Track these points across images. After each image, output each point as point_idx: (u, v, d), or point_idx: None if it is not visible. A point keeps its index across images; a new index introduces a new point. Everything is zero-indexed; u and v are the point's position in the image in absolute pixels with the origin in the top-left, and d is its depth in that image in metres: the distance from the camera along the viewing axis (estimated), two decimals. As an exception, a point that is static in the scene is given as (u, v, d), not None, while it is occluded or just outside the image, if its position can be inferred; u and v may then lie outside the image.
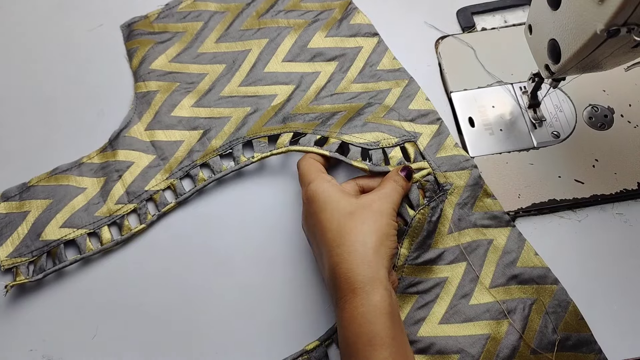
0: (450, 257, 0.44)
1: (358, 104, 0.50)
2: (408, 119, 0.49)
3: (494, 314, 0.41)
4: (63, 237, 0.46)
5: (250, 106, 0.51)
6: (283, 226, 0.47)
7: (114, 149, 0.49)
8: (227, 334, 0.43)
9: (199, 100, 0.51)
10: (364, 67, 0.52)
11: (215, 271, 0.45)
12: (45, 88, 0.54)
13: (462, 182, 0.45)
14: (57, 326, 0.44)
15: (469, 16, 0.56)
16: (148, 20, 0.56)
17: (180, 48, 0.54)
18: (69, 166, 0.49)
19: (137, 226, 0.46)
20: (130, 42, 0.55)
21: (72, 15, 0.58)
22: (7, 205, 0.47)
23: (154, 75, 0.53)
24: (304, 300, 0.44)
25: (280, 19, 0.55)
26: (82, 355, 0.43)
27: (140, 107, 0.51)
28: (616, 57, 0.37)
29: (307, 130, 0.48)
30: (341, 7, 0.56)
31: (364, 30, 0.54)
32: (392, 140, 0.47)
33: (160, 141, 0.49)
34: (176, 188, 0.47)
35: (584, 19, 0.34)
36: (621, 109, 0.50)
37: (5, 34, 0.57)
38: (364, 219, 0.38)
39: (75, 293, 0.45)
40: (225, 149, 0.48)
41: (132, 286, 0.45)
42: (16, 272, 0.45)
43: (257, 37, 0.54)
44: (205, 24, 0.55)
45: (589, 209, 0.47)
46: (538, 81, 0.47)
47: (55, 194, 0.48)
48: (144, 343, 0.43)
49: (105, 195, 0.47)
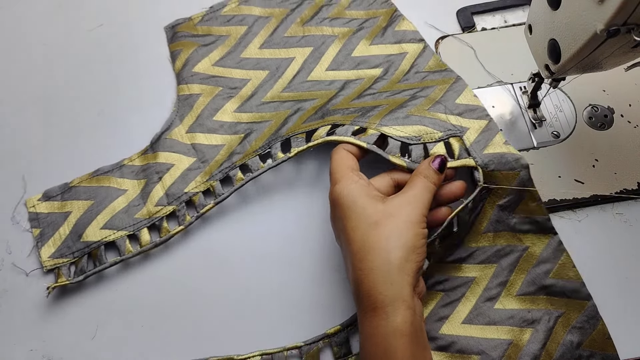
0: (481, 257, 0.42)
1: (402, 97, 0.47)
2: (455, 113, 0.45)
3: (518, 321, 0.41)
4: (104, 239, 0.45)
5: (290, 108, 0.50)
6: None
7: (155, 151, 0.49)
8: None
9: (242, 106, 0.51)
10: (410, 69, 0.51)
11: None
12: (45, 88, 0.54)
13: (508, 184, 0.42)
14: (57, 326, 0.44)
15: (469, 16, 0.56)
16: (192, 22, 0.56)
17: (224, 52, 0.54)
18: (110, 168, 0.49)
19: (175, 228, 0.46)
20: (174, 44, 0.55)
21: (72, 15, 0.58)
22: (49, 205, 0.47)
23: (197, 79, 0.52)
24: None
25: (324, 26, 0.55)
26: (82, 355, 0.43)
27: (182, 109, 0.51)
28: (616, 57, 0.37)
29: (346, 122, 0.46)
30: (386, 14, 0.55)
31: (409, 36, 0.53)
32: (435, 134, 0.43)
33: (201, 144, 0.49)
34: (215, 190, 0.47)
35: (584, 19, 0.34)
36: (621, 109, 0.50)
37: (5, 34, 0.57)
38: (389, 232, 0.35)
39: (75, 293, 0.45)
40: (264, 149, 0.48)
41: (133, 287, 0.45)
42: (58, 273, 0.45)
43: (301, 45, 0.54)
44: (249, 28, 0.55)
45: (589, 209, 0.47)
46: (538, 81, 0.47)
47: (97, 195, 0.48)
48: (144, 343, 0.43)
49: (145, 197, 0.47)
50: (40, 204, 0.48)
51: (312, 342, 0.42)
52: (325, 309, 0.44)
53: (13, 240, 0.47)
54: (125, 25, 0.57)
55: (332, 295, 0.44)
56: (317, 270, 0.45)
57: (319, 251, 0.46)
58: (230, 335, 0.43)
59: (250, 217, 0.48)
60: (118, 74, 0.54)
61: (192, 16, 0.56)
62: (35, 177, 0.49)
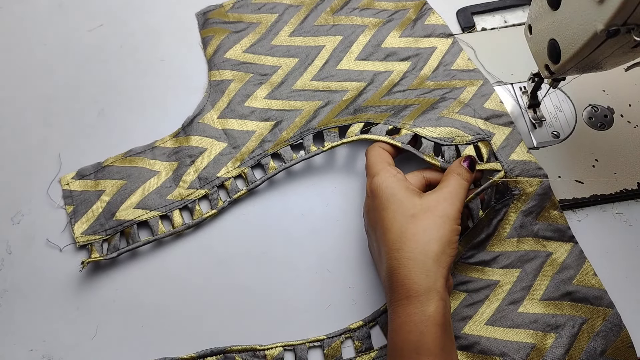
0: (505, 262, 0.43)
1: (432, 98, 0.49)
2: (483, 117, 0.47)
3: (541, 326, 0.41)
4: (137, 218, 0.46)
5: (321, 100, 0.51)
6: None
7: (187, 135, 0.50)
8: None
9: (272, 92, 0.52)
10: (438, 66, 0.52)
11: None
12: (45, 88, 0.54)
13: (532, 190, 0.44)
14: (57, 326, 0.44)
15: (469, 16, 0.56)
16: (223, 9, 0.57)
17: (254, 39, 0.55)
18: (142, 149, 0.50)
19: (208, 211, 0.47)
20: (205, 30, 0.56)
21: (72, 15, 0.58)
22: (83, 184, 0.48)
23: (229, 65, 0.53)
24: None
25: (354, 16, 0.55)
26: (82, 355, 0.43)
27: (213, 95, 0.52)
28: (616, 57, 0.37)
29: (379, 121, 0.47)
30: (416, 7, 0.56)
31: (438, 30, 0.54)
32: (466, 137, 0.45)
33: (233, 130, 0.50)
34: (247, 176, 0.48)
35: (583, 19, 0.34)
36: (621, 109, 0.50)
37: (5, 34, 0.57)
38: (427, 225, 0.37)
39: (75, 293, 0.45)
40: (296, 140, 0.48)
41: (133, 287, 0.45)
42: (91, 249, 0.45)
43: (331, 34, 0.54)
44: (280, 16, 0.56)
45: (589, 209, 0.47)
46: (538, 81, 0.47)
47: (130, 175, 0.48)
48: (144, 343, 0.43)
49: (177, 180, 0.48)
50: (74, 182, 0.49)
51: (334, 335, 0.42)
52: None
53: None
54: (125, 25, 0.57)
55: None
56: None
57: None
58: (230, 336, 0.43)
59: (254, 213, 0.48)
60: (118, 74, 0.54)
61: (223, 3, 0.57)
62: (35, 177, 0.49)
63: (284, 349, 0.42)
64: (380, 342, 0.42)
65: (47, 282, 0.45)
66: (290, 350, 0.42)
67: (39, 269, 0.46)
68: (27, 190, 0.49)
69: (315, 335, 0.42)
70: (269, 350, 0.42)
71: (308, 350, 0.42)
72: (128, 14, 0.58)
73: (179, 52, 0.56)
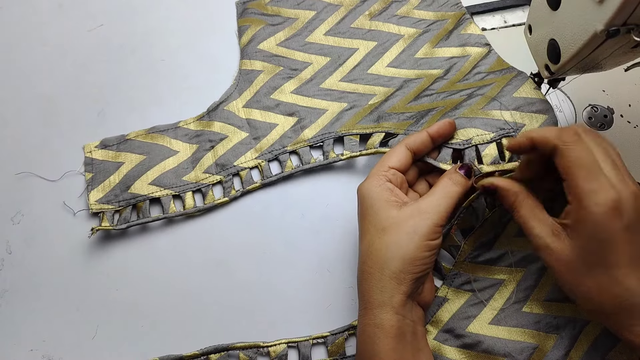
0: (510, 261, 0.43)
1: (458, 98, 0.47)
2: (511, 108, 0.44)
3: (544, 326, 0.41)
4: (150, 194, 0.47)
5: (347, 102, 0.51)
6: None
7: (211, 119, 0.50)
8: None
9: (299, 88, 0.52)
10: (471, 71, 0.50)
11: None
12: (45, 88, 0.54)
13: None
14: (57, 326, 0.44)
15: (469, 16, 0.56)
16: (263, 1, 0.57)
17: (290, 34, 0.55)
18: (166, 127, 0.50)
19: (220, 198, 0.47)
20: (243, 20, 0.56)
21: (72, 15, 0.58)
22: (105, 153, 0.49)
23: (260, 55, 0.53)
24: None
25: (392, 24, 0.55)
26: (82, 355, 0.43)
27: (242, 84, 0.52)
28: (616, 57, 0.37)
29: (399, 131, 0.47)
30: (455, 17, 0.55)
31: (474, 40, 0.53)
32: (486, 136, 0.43)
33: (256, 120, 0.50)
34: (263, 169, 0.48)
35: (583, 19, 0.34)
36: (621, 109, 0.50)
37: (5, 34, 0.57)
38: (391, 241, 0.37)
39: (76, 293, 0.45)
40: (316, 141, 0.49)
41: (133, 287, 0.45)
42: (102, 217, 0.46)
43: (366, 39, 0.54)
44: (318, 14, 0.56)
45: (588, 209, 0.47)
46: (538, 81, 0.47)
47: (150, 151, 0.49)
48: (144, 343, 0.43)
49: (195, 162, 0.49)
50: (97, 151, 0.49)
51: (338, 332, 0.42)
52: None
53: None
54: (125, 25, 0.57)
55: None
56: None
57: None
58: (231, 336, 0.43)
59: (254, 213, 0.48)
60: (118, 74, 0.54)
61: None
62: (35, 177, 0.49)
63: (287, 346, 0.42)
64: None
65: (47, 282, 0.45)
66: (294, 347, 0.42)
67: (39, 269, 0.46)
68: (27, 190, 0.49)
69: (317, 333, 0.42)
70: (273, 347, 0.42)
71: (312, 347, 0.42)
72: (128, 14, 0.58)
73: (179, 52, 0.56)
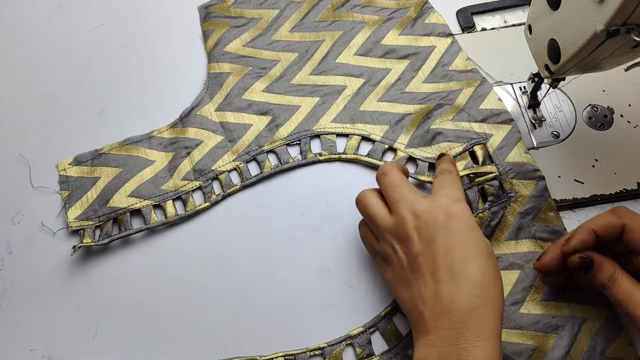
0: (503, 264, 0.43)
1: (428, 105, 0.50)
2: (478, 120, 0.48)
3: (542, 327, 0.41)
4: (130, 206, 0.47)
5: (319, 97, 0.51)
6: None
7: (185, 126, 0.50)
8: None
9: (270, 86, 0.52)
10: (436, 66, 0.52)
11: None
12: (45, 88, 0.54)
13: (528, 192, 0.44)
14: (57, 326, 0.44)
15: (468, 16, 0.56)
16: (225, 4, 0.57)
17: (255, 34, 0.55)
18: (139, 138, 0.50)
19: (201, 204, 0.47)
20: (207, 24, 0.56)
21: (72, 15, 0.58)
22: (79, 170, 0.49)
23: (228, 58, 0.54)
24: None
25: (355, 13, 0.56)
26: (82, 355, 0.43)
27: (212, 87, 0.52)
28: (616, 57, 0.37)
29: (376, 137, 0.49)
30: (417, 5, 0.56)
31: (438, 30, 0.54)
32: (458, 148, 0.47)
33: (230, 123, 0.50)
34: (242, 171, 0.48)
35: (583, 19, 0.34)
36: (621, 109, 0.50)
37: (5, 34, 0.57)
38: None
39: (76, 293, 0.45)
40: (292, 139, 0.49)
41: (133, 287, 0.45)
42: (83, 234, 0.46)
43: (331, 29, 0.55)
44: (281, 12, 0.56)
45: (589, 208, 0.47)
46: (538, 81, 0.47)
47: (126, 163, 0.49)
48: (144, 343, 0.43)
49: (172, 170, 0.48)
50: (71, 168, 0.49)
51: (335, 343, 0.42)
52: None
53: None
54: (125, 25, 0.57)
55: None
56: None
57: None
58: (230, 335, 0.43)
59: (254, 213, 0.47)
60: (118, 74, 0.54)
61: None
62: (35, 177, 0.49)
63: (284, 359, 0.41)
64: (380, 348, 0.42)
65: (47, 282, 0.45)
66: (291, 359, 0.42)
67: (39, 269, 0.46)
68: (27, 190, 0.49)
69: (315, 337, 0.42)
70: None
71: (309, 359, 0.42)
72: (128, 14, 0.58)
73: (179, 52, 0.56)
